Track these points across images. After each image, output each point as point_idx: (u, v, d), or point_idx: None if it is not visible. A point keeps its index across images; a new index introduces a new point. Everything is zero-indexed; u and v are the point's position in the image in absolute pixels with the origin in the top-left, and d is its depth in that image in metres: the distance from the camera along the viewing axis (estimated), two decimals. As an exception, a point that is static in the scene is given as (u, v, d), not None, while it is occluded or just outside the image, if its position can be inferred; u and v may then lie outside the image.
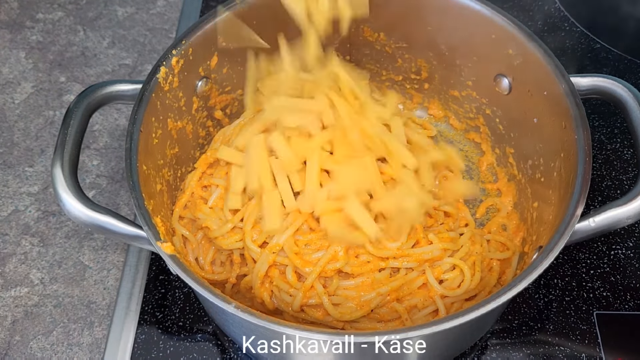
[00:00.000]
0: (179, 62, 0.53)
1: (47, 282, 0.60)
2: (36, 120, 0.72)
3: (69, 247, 0.63)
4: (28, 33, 0.80)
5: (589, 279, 0.57)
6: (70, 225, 0.64)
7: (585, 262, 0.58)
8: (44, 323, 0.58)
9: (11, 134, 0.71)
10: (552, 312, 0.55)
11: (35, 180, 0.67)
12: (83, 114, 0.49)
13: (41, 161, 0.69)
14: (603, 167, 0.64)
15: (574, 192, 0.45)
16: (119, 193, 0.66)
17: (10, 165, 0.68)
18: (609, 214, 0.45)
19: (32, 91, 0.74)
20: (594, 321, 0.54)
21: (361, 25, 0.61)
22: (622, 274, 0.57)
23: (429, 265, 0.51)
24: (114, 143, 0.70)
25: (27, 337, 0.58)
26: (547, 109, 0.52)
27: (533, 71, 0.53)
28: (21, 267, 0.61)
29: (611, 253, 0.59)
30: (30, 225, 0.64)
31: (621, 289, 0.56)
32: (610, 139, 0.66)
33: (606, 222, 0.45)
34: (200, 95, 0.57)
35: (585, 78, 0.52)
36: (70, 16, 0.82)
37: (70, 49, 0.78)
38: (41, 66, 0.77)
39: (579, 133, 0.48)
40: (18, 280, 0.61)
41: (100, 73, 0.76)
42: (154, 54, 0.78)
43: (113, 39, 0.80)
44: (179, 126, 0.55)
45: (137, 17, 0.82)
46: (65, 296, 0.60)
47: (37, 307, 0.59)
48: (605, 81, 0.51)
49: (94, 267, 0.62)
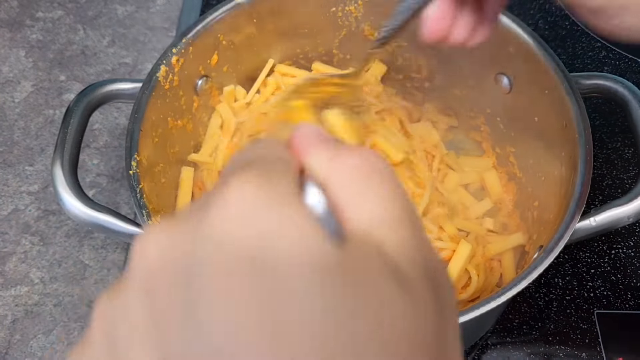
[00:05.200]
0: (179, 61, 0.53)
1: (47, 281, 0.60)
2: (36, 119, 0.72)
3: (69, 246, 0.63)
4: (28, 32, 0.80)
5: (590, 278, 0.57)
6: (70, 224, 0.64)
7: (585, 261, 0.58)
8: (44, 322, 0.58)
9: (11, 133, 0.71)
10: (552, 311, 0.55)
11: (36, 179, 0.67)
12: (83, 112, 0.49)
13: (41, 160, 0.69)
14: (604, 166, 0.64)
15: (575, 191, 0.45)
16: (119, 192, 0.66)
17: (10, 164, 0.68)
18: (609, 213, 0.45)
19: (32, 90, 0.74)
20: (595, 320, 0.54)
21: (361, 24, 0.61)
22: (622, 273, 0.57)
23: None
24: (114, 142, 0.70)
25: (27, 336, 0.57)
26: (548, 108, 0.52)
27: (534, 70, 0.53)
28: (21, 266, 0.61)
29: (612, 252, 0.58)
30: (30, 224, 0.64)
31: (622, 288, 0.56)
32: (610, 138, 0.66)
33: (607, 221, 0.45)
34: (201, 94, 0.57)
35: (587, 77, 0.51)
36: (70, 15, 0.81)
37: (70, 48, 0.78)
38: (41, 65, 0.77)
39: (580, 132, 0.48)
40: (18, 279, 0.60)
41: (100, 72, 0.76)
42: (154, 53, 0.78)
43: (113, 37, 0.79)
44: (179, 125, 0.55)
45: (137, 15, 0.82)
46: (66, 295, 0.60)
47: (38, 306, 0.59)
48: (607, 80, 0.51)
49: (94, 266, 0.61)
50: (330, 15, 0.60)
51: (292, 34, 0.62)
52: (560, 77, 0.50)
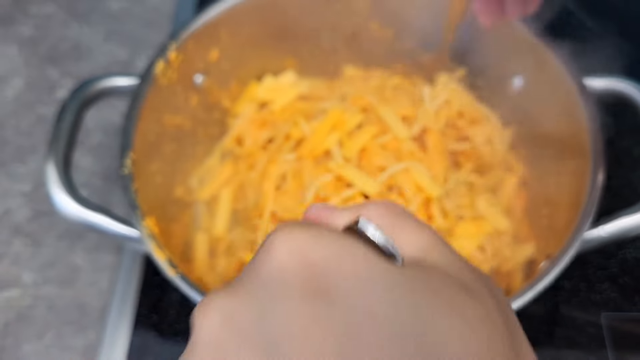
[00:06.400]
0: (177, 57, 0.52)
1: (39, 284, 0.59)
2: (28, 117, 0.70)
3: (61, 247, 0.61)
4: (20, 27, 0.78)
5: (597, 280, 0.56)
6: (63, 225, 0.63)
7: (593, 263, 0.57)
8: (36, 325, 0.57)
9: (2, 131, 0.69)
10: (559, 313, 0.55)
11: (27, 179, 0.66)
12: (77, 109, 0.48)
13: (33, 159, 0.67)
14: (612, 166, 0.63)
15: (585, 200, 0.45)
16: (113, 192, 0.65)
17: (1, 164, 0.67)
18: (620, 222, 0.44)
19: (24, 87, 0.73)
20: (602, 323, 0.54)
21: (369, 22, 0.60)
22: (631, 275, 0.57)
23: None
24: (107, 141, 0.69)
25: (19, 339, 0.56)
26: (559, 111, 0.51)
27: (546, 72, 0.52)
28: (13, 268, 0.60)
29: (619, 254, 0.58)
30: (22, 226, 0.63)
31: (630, 290, 0.56)
32: (619, 137, 0.65)
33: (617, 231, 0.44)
34: (199, 91, 0.56)
35: (600, 80, 0.51)
36: (63, 10, 0.80)
37: (63, 44, 0.77)
38: (33, 61, 0.75)
39: (592, 138, 0.47)
40: (10, 282, 0.59)
41: (94, 68, 0.75)
42: (148, 49, 0.76)
43: (107, 33, 0.78)
44: (176, 122, 0.54)
45: (132, 10, 0.81)
46: (58, 298, 0.58)
47: (30, 309, 0.58)
48: (620, 84, 0.50)
49: (87, 269, 0.60)
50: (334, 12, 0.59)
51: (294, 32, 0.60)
52: (573, 80, 0.50)
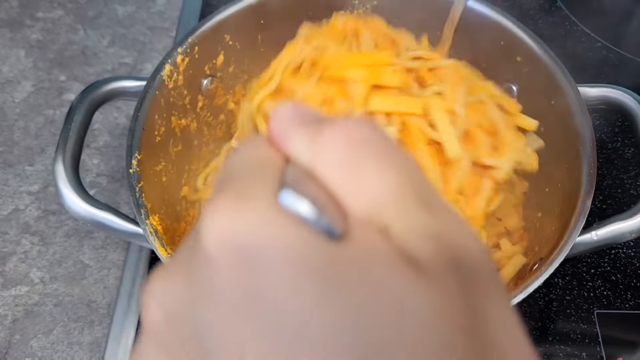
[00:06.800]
0: (184, 61, 0.53)
1: (47, 281, 0.60)
2: (36, 119, 0.72)
3: (69, 246, 0.62)
4: (28, 32, 0.80)
5: (590, 278, 0.57)
6: (71, 224, 0.64)
7: (586, 261, 0.58)
8: (44, 322, 0.58)
9: (11, 133, 0.70)
10: (552, 311, 0.55)
11: (36, 179, 0.67)
12: (86, 110, 0.49)
13: (41, 160, 0.68)
14: (604, 167, 0.64)
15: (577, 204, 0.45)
16: (119, 192, 0.66)
17: (10, 164, 0.68)
18: (612, 227, 0.45)
19: (32, 90, 0.74)
20: (595, 320, 0.54)
21: None
22: (623, 273, 0.57)
23: None
24: (114, 142, 0.70)
25: (27, 336, 0.57)
26: (553, 119, 0.52)
27: (541, 79, 0.52)
28: (21, 265, 0.61)
29: (612, 252, 0.59)
30: (30, 224, 0.64)
31: (622, 288, 0.57)
32: (611, 138, 0.67)
33: (609, 235, 0.45)
34: (206, 93, 0.57)
35: (594, 88, 0.51)
36: (71, 15, 0.81)
37: (70, 48, 0.78)
38: (41, 65, 0.76)
39: (585, 145, 0.47)
40: (18, 279, 0.60)
41: (100, 72, 0.76)
42: (154, 53, 0.78)
43: (113, 37, 0.79)
44: (182, 124, 0.55)
45: (137, 15, 0.82)
46: (66, 295, 0.59)
47: (38, 306, 0.59)
48: (614, 92, 0.51)
49: (94, 266, 0.61)
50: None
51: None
52: (568, 88, 0.50)
